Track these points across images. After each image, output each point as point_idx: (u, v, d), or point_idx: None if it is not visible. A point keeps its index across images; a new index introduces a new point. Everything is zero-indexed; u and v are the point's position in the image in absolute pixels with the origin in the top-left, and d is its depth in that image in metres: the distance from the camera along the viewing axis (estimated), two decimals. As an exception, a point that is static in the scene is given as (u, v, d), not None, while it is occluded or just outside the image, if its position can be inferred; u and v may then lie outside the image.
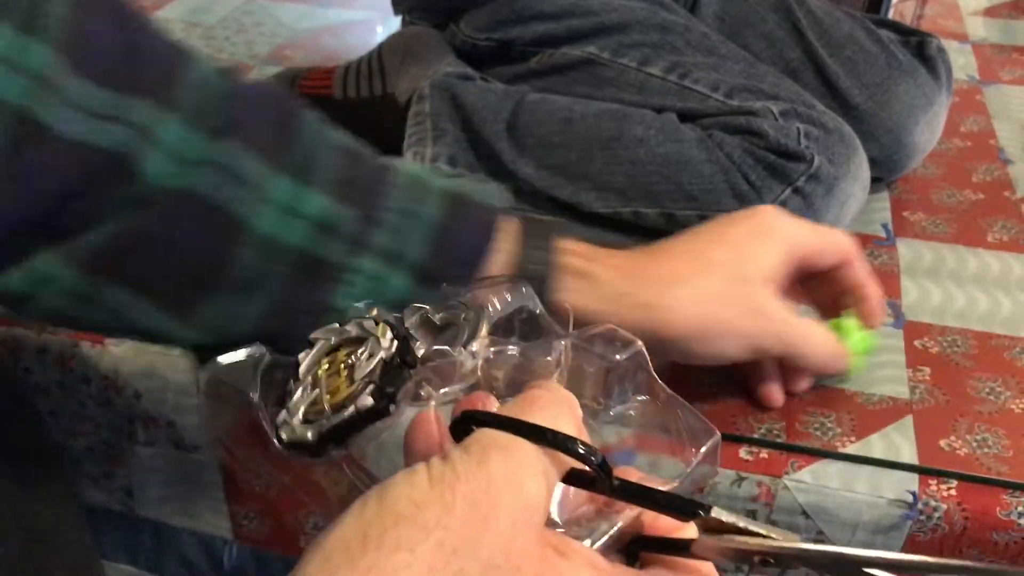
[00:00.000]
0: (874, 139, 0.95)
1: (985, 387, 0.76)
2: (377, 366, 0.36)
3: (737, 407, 0.73)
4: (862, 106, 0.96)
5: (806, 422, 0.72)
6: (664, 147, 0.85)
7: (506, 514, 0.29)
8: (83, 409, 0.81)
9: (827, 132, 0.85)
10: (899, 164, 0.99)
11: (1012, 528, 0.66)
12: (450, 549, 0.28)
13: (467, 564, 0.28)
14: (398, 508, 0.29)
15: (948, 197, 1.00)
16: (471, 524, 0.29)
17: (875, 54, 0.97)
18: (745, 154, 0.83)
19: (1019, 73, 1.27)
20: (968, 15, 1.44)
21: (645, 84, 0.91)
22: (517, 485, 0.30)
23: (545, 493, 0.32)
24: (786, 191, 0.83)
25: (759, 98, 0.87)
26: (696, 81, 0.90)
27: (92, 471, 0.86)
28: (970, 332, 0.81)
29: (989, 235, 0.94)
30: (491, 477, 0.30)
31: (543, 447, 0.32)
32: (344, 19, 1.39)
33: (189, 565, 0.90)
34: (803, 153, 0.83)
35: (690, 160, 0.85)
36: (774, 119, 0.84)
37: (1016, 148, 1.09)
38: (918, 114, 0.96)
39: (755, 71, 0.91)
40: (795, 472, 0.68)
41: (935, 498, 0.67)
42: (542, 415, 0.33)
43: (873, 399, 0.74)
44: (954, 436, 0.71)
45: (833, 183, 0.83)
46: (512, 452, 0.31)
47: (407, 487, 0.30)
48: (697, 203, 0.85)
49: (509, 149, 0.90)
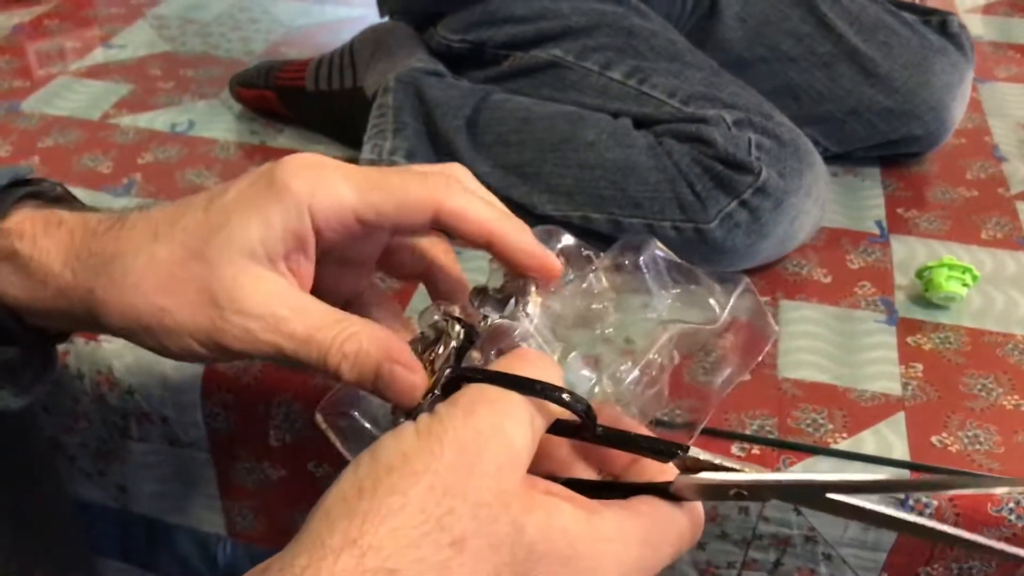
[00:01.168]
0: (917, 117, 0.97)
1: (977, 384, 0.76)
2: (451, 354, 0.39)
3: (729, 403, 0.73)
4: (904, 88, 0.96)
5: (798, 418, 0.72)
6: (613, 152, 0.84)
7: (492, 459, 0.31)
8: (77, 405, 0.81)
9: (781, 144, 0.83)
10: (938, 139, 1.00)
11: (1003, 524, 0.66)
12: (440, 491, 0.30)
13: (457, 504, 0.30)
14: (390, 461, 0.31)
15: (942, 194, 1.00)
16: (459, 469, 0.31)
17: (907, 36, 0.98)
18: (693, 163, 0.82)
19: (1015, 71, 1.27)
20: (965, 12, 1.44)
21: (606, 88, 0.91)
22: (503, 433, 0.32)
23: (530, 442, 0.33)
24: (732, 203, 0.81)
25: (715, 106, 0.85)
26: (654, 87, 0.89)
27: (86, 467, 0.86)
28: (963, 329, 0.81)
29: (983, 232, 0.94)
30: (477, 427, 0.32)
31: (529, 397, 0.33)
32: (340, 16, 1.39)
33: (183, 561, 0.90)
34: (751, 165, 0.81)
35: (637, 166, 0.83)
36: (727, 128, 0.83)
37: (1011, 145, 1.09)
38: (955, 90, 0.98)
39: (718, 80, 0.90)
40: (787, 468, 0.68)
41: (926, 494, 0.67)
42: (530, 369, 0.34)
43: (865, 395, 0.74)
44: (946, 432, 0.71)
45: (783, 197, 0.81)
46: (498, 403, 0.33)
47: (396, 442, 0.32)
48: (643, 210, 0.83)
49: (467, 146, 0.90)
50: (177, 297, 0.38)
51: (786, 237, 0.84)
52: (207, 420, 0.78)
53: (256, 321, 0.37)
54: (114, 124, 1.08)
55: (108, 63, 1.22)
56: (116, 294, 0.40)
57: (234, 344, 0.38)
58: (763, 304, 0.45)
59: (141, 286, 0.39)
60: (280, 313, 0.37)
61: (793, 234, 0.84)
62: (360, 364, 0.37)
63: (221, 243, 0.38)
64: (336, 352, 0.37)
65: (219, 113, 1.11)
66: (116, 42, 1.28)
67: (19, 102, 1.12)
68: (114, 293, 0.40)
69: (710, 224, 0.81)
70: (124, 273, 0.39)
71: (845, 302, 0.84)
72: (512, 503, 0.31)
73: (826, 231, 0.93)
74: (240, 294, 0.38)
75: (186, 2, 1.41)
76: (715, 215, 0.81)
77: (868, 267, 0.89)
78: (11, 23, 1.32)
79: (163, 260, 0.39)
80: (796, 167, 0.82)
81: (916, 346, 0.79)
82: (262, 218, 0.38)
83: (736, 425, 0.71)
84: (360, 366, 0.37)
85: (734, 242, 0.81)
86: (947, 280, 0.81)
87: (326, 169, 0.39)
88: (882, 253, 0.91)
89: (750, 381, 0.75)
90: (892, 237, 0.93)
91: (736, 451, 0.69)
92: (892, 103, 0.96)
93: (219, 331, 0.38)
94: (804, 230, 0.86)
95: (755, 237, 0.82)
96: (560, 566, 0.31)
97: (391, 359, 0.37)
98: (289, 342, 0.37)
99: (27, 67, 1.21)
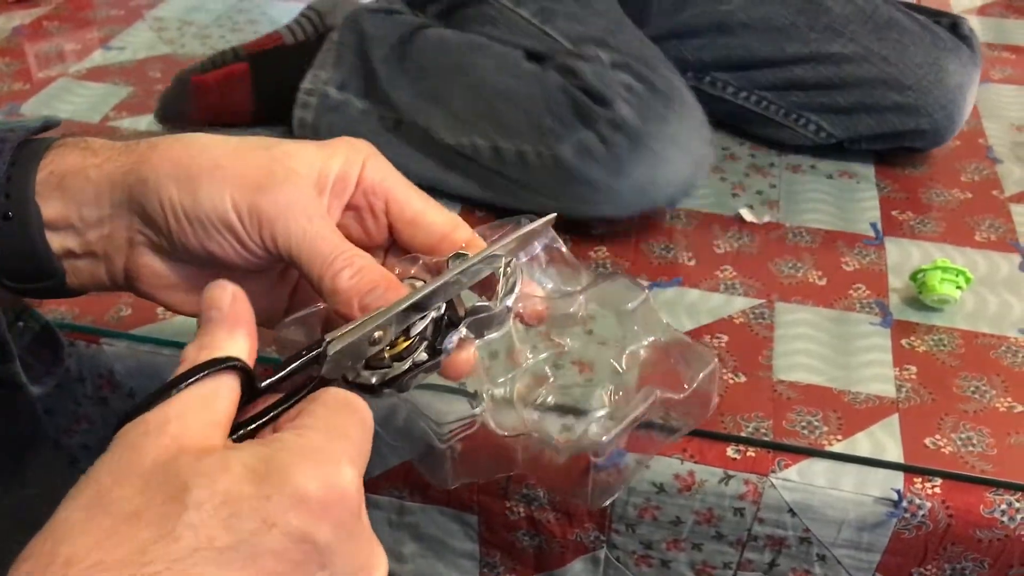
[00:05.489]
0: (926, 115, 0.98)
1: (971, 386, 0.76)
2: (429, 325, 0.41)
3: (724, 405, 0.74)
4: (916, 85, 0.98)
5: (793, 420, 0.72)
6: (502, 81, 0.90)
7: (149, 449, 0.31)
8: (79, 407, 0.82)
9: (652, 91, 0.86)
10: (943, 136, 1.01)
11: (995, 526, 0.67)
12: (103, 490, 0.30)
13: (120, 491, 0.30)
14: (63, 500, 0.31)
15: (937, 196, 1.01)
16: (117, 470, 0.31)
17: (920, 35, 1.00)
18: (560, 91, 0.87)
19: (1010, 72, 1.27)
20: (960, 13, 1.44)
21: (515, 24, 0.96)
22: (155, 430, 0.32)
23: (187, 427, 0.33)
24: (587, 133, 0.84)
25: (603, 49, 0.89)
26: (555, 28, 0.94)
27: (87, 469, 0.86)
28: (956, 331, 0.82)
29: (977, 234, 0.95)
30: (127, 439, 0.32)
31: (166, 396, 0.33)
32: (338, 17, 1.40)
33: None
34: (610, 98, 0.84)
35: (517, 95, 0.89)
36: (600, 65, 0.87)
37: (1005, 147, 1.09)
38: (966, 90, 0.99)
39: (616, 29, 0.94)
40: (782, 470, 0.69)
41: (920, 496, 0.67)
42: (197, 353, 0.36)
43: (860, 398, 0.75)
44: (939, 435, 0.72)
45: (638, 138, 0.83)
46: (137, 423, 0.33)
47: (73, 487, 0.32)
48: (515, 137, 0.88)
49: (389, 75, 0.96)
50: (237, 161, 0.42)
51: (648, 184, 0.86)
52: (208, 422, 0.79)
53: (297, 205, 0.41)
54: (114, 126, 1.09)
55: (108, 65, 1.22)
56: (179, 146, 0.43)
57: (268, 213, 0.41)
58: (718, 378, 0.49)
59: (208, 145, 0.42)
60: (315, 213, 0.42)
61: (656, 182, 0.86)
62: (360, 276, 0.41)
63: (289, 148, 0.43)
64: (343, 259, 0.41)
65: (218, 115, 1.12)
66: (115, 44, 1.28)
67: (19, 105, 1.12)
68: (179, 145, 0.43)
69: (564, 149, 0.85)
70: (195, 138, 0.43)
71: (840, 304, 0.85)
72: (179, 463, 0.31)
73: (821, 233, 0.94)
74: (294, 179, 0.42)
75: (185, 4, 1.41)
76: (570, 141, 0.85)
77: (863, 269, 0.89)
78: (10, 25, 1.32)
79: (232, 141, 0.43)
80: (661, 113, 0.85)
81: (910, 348, 0.80)
82: (327, 154, 0.43)
83: (731, 427, 0.72)
84: (359, 278, 0.41)
85: (590, 174, 0.85)
86: (941, 283, 0.82)
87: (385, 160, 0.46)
88: (877, 255, 0.91)
89: (745, 383, 0.76)
90: (887, 239, 0.94)
91: (731, 453, 0.70)
92: (903, 99, 0.98)
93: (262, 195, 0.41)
94: (670, 182, 0.87)
95: (611, 174, 0.85)
96: (251, 486, 0.30)
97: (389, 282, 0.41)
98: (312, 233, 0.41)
99: (27, 70, 1.21)
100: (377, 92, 0.97)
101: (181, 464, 0.31)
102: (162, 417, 0.33)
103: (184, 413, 0.33)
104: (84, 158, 0.44)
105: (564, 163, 0.86)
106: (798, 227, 0.95)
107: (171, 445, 0.32)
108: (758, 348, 0.79)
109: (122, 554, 0.29)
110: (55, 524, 0.30)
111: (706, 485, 0.70)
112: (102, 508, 0.30)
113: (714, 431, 0.71)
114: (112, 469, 0.31)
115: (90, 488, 0.31)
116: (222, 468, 0.31)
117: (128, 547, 0.29)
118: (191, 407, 0.33)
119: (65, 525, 0.30)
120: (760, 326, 0.82)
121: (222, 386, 0.34)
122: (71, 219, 0.44)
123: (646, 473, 0.70)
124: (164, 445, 0.32)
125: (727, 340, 0.80)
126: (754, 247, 0.92)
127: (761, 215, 0.96)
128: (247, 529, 0.30)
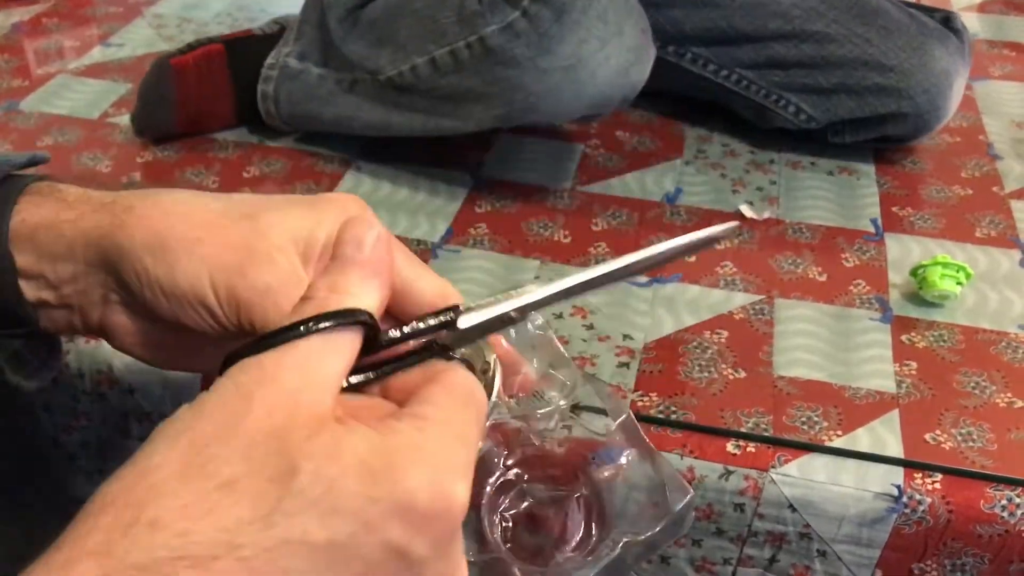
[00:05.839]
0: (909, 97, 0.98)
1: (971, 381, 0.76)
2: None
3: (724, 401, 0.73)
4: (899, 67, 0.97)
5: (793, 416, 0.72)
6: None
7: (260, 405, 0.30)
8: (77, 404, 0.82)
9: None
10: (928, 125, 1.00)
11: (995, 521, 0.67)
12: (201, 443, 0.29)
13: (220, 450, 0.29)
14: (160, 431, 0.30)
15: (937, 192, 1.00)
16: (222, 421, 0.29)
17: (907, 23, 1.00)
18: None
19: (1009, 69, 1.27)
20: (960, 11, 1.44)
21: None
22: (271, 380, 0.30)
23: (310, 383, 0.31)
24: (512, 12, 0.84)
25: None
26: None
27: (86, 466, 0.86)
28: (957, 327, 0.82)
29: (977, 230, 0.95)
30: (238, 382, 0.30)
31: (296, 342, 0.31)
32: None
33: (183, 558, 0.90)
34: None
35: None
36: None
37: (1005, 144, 1.09)
38: (952, 79, 0.98)
39: None
40: (782, 466, 0.69)
41: (920, 491, 0.67)
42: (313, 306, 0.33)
43: (860, 393, 0.75)
44: (939, 430, 0.72)
45: (563, 10, 0.82)
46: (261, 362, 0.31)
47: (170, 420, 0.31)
48: (446, 37, 0.88)
49: (344, 34, 0.97)
50: (217, 236, 0.38)
51: (577, 64, 0.84)
52: (207, 418, 0.79)
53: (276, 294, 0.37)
54: (113, 123, 1.09)
55: (107, 62, 1.22)
56: (159, 213, 0.39)
57: (245, 299, 0.37)
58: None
59: (187, 214, 0.39)
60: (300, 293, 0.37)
61: (583, 61, 0.85)
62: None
63: (273, 218, 0.39)
64: None
65: (217, 112, 1.11)
66: (115, 41, 1.28)
67: (18, 101, 1.12)
68: (157, 212, 0.39)
69: (491, 32, 0.84)
70: (175, 202, 0.40)
71: (840, 300, 0.85)
72: (291, 436, 0.29)
73: (821, 229, 0.94)
74: (277, 260, 0.37)
75: (184, 1, 1.41)
76: (496, 23, 0.84)
77: (863, 265, 0.89)
78: (10, 22, 1.32)
79: (216, 208, 0.39)
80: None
81: (910, 344, 0.80)
82: (315, 219, 0.39)
83: (731, 422, 0.71)
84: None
85: (514, 52, 0.84)
86: (941, 278, 0.82)
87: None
88: (877, 251, 0.91)
89: (745, 379, 0.76)
90: (887, 235, 0.93)
91: (731, 448, 0.70)
92: (885, 81, 0.98)
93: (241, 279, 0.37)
94: (599, 64, 0.85)
95: (536, 50, 0.84)
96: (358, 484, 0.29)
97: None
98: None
99: (26, 66, 1.21)
100: (334, 55, 0.98)
101: (292, 439, 0.29)
102: (280, 364, 0.31)
103: (304, 365, 0.31)
104: (57, 211, 0.42)
105: (491, 47, 0.85)
106: (798, 223, 0.95)
107: (284, 404, 0.30)
108: (758, 344, 0.79)
109: (212, 528, 0.27)
110: (143, 470, 0.28)
111: (706, 481, 0.69)
112: (198, 467, 0.28)
113: (714, 427, 0.71)
114: (216, 419, 0.29)
115: (188, 434, 0.29)
116: (333, 454, 0.29)
117: (220, 522, 0.27)
118: (312, 360, 0.31)
119: (154, 476, 0.28)
120: (760, 322, 0.82)
121: (346, 341, 0.32)
122: (45, 272, 0.43)
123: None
124: (277, 404, 0.30)
125: (727, 336, 0.80)
126: (754, 243, 0.92)
127: (761, 211, 0.96)
128: (345, 531, 0.29)
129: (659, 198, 0.98)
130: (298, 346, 0.31)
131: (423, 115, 0.94)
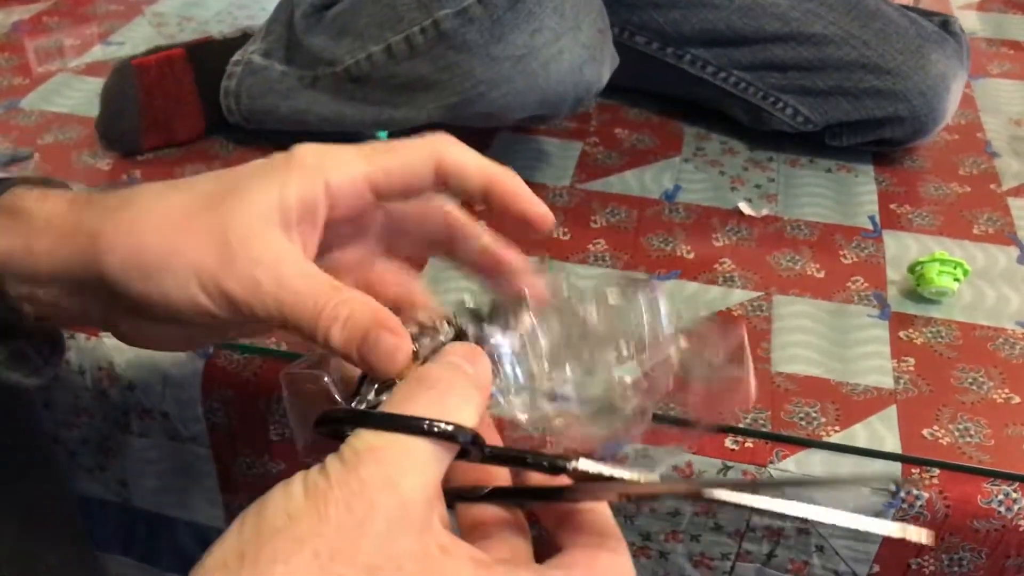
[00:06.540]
0: (906, 100, 0.97)
1: (968, 377, 0.77)
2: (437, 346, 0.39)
3: (723, 397, 0.74)
4: (896, 70, 0.97)
5: (791, 412, 0.73)
6: None
7: (382, 517, 0.30)
8: (78, 400, 0.82)
9: None
10: (925, 128, 1.00)
11: (993, 516, 0.67)
12: (327, 557, 0.29)
13: (345, 570, 0.28)
14: (275, 523, 0.29)
15: (935, 190, 1.01)
16: (347, 531, 0.29)
17: (905, 26, 1.00)
18: None
19: (1008, 67, 1.27)
20: (959, 9, 1.45)
21: None
22: (392, 485, 0.30)
23: (422, 488, 0.31)
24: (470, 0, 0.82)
25: None
26: None
27: (87, 462, 0.87)
28: (954, 323, 0.82)
29: (975, 227, 0.95)
30: (363, 481, 0.30)
31: (421, 438, 0.32)
32: (338, 13, 1.40)
33: (183, 555, 0.91)
34: None
35: None
36: None
37: (1003, 142, 1.10)
38: (949, 82, 0.98)
39: None
40: (780, 461, 0.69)
41: (917, 487, 0.68)
42: (427, 397, 0.33)
43: (857, 389, 0.75)
44: (937, 425, 0.72)
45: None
46: (383, 452, 0.31)
47: (283, 500, 0.30)
48: (402, 23, 0.87)
49: (307, 27, 0.96)
50: (188, 240, 0.38)
51: (527, 53, 0.83)
52: (207, 415, 0.79)
53: (264, 272, 0.37)
54: (113, 121, 1.09)
55: (107, 60, 1.22)
56: (124, 234, 0.39)
57: (238, 292, 0.37)
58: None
59: (153, 227, 0.39)
60: (287, 271, 0.38)
61: (535, 52, 0.84)
62: (350, 328, 0.37)
63: (237, 201, 0.39)
64: (329, 315, 0.37)
65: (217, 110, 1.12)
66: (115, 39, 1.28)
67: (18, 99, 1.12)
68: (122, 233, 0.39)
69: (445, 16, 0.83)
70: (136, 216, 0.39)
71: (838, 297, 0.85)
72: (406, 565, 0.29)
73: (819, 226, 0.94)
74: (253, 243, 0.38)
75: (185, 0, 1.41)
76: (451, 6, 0.83)
77: (861, 262, 0.90)
78: (10, 20, 1.32)
79: (177, 206, 0.39)
80: None
81: (908, 340, 0.80)
82: (278, 184, 0.39)
83: (730, 418, 0.72)
84: (350, 329, 0.37)
85: (467, 37, 0.83)
86: (939, 275, 0.82)
87: (337, 148, 0.41)
88: (875, 248, 0.91)
89: (744, 375, 0.76)
90: (885, 232, 0.94)
91: (730, 444, 0.70)
92: (881, 84, 0.98)
93: (226, 275, 0.38)
94: (552, 57, 0.84)
95: (488, 37, 0.83)
96: None
97: (379, 324, 0.37)
98: (290, 298, 0.37)
99: (26, 64, 1.21)
100: (297, 52, 0.97)
101: (432, 564, 0.30)
102: (401, 463, 0.31)
103: (423, 469, 0.31)
104: (28, 238, 0.42)
105: (444, 31, 0.84)
106: (796, 220, 0.95)
107: (401, 520, 0.30)
108: (756, 340, 0.80)
109: None
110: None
111: (704, 476, 0.70)
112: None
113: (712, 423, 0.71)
114: (343, 528, 0.29)
115: (313, 543, 0.29)
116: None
117: None
118: (428, 464, 0.32)
119: None
120: (758, 318, 0.82)
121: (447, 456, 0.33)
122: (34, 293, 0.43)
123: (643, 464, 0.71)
124: (395, 518, 0.30)
125: (725, 332, 0.80)
126: (752, 240, 0.92)
127: (759, 208, 0.97)
128: None
129: (658, 195, 0.99)
130: (417, 446, 0.32)
131: (376, 107, 0.93)
